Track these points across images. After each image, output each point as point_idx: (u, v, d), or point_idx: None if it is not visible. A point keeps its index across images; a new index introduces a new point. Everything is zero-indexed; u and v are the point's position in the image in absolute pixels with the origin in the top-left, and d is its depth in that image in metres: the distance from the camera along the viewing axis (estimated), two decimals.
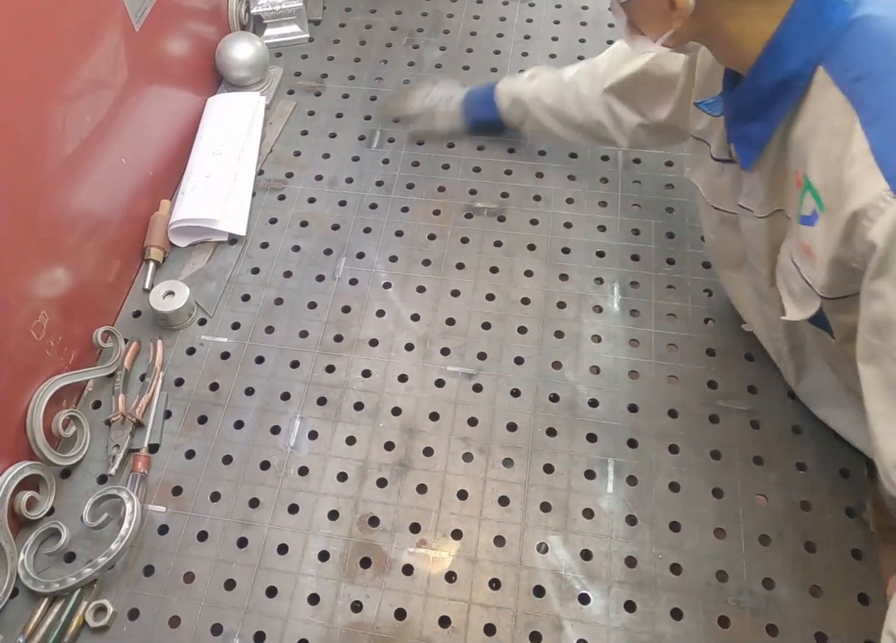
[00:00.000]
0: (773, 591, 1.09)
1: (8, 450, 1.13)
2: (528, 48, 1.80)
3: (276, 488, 1.20)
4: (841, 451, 1.20)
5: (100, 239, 1.32)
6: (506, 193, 1.54)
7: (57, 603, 1.09)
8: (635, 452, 1.22)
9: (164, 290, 1.35)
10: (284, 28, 1.83)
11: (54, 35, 1.13)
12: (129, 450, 1.23)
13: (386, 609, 1.09)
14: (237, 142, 1.56)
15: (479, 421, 1.26)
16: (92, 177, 1.27)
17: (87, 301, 1.30)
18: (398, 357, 1.33)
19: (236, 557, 1.14)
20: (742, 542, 1.13)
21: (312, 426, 1.26)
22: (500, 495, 1.19)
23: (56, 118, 1.16)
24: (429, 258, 1.46)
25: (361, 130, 1.66)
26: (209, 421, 1.27)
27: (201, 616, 1.09)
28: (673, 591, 1.09)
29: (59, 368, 1.24)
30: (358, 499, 1.19)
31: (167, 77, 1.51)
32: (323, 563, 1.13)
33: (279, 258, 1.47)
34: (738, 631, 1.06)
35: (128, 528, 1.12)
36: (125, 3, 1.30)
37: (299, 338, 1.36)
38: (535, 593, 1.10)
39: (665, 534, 1.14)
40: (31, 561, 1.12)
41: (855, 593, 1.08)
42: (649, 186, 1.48)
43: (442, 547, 1.15)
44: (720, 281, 1.30)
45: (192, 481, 1.21)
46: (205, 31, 1.67)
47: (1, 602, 1.08)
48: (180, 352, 1.35)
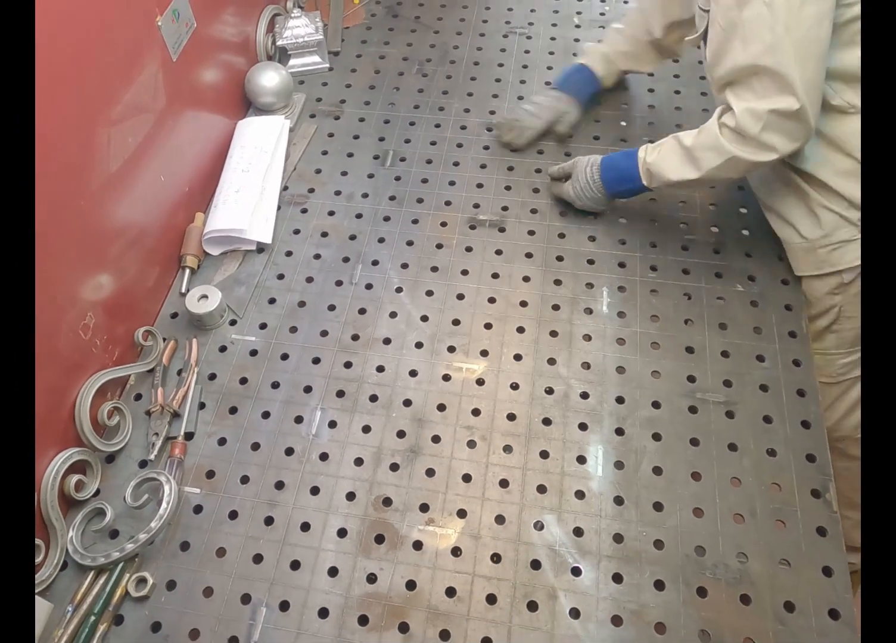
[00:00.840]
0: (745, 565, 1.09)
1: (58, 438, 1.14)
2: (525, 76, 1.80)
3: (300, 472, 1.21)
4: (807, 439, 1.20)
5: (141, 248, 1.32)
6: (506, 207, 1.54)
7: (102, 575, 1.10)
8: (622, 440, 1.22)
9: (199, 294, 1.36)
10: (307, 58, 1.83)
11: (101, 66, 1.13)
12: (167, 437, 1.23)
13: (398, 580, 1.10)
14: (264, 160, 1.57)
15: (481, 411, 1.26)
16: (134, 192, 1.28)
17: (129, 303, 1.31)
18: (409, 354, 1.34)
19: (263, 534, 1.15)
20: (718, 521, 1.13)
21: (332, 416, 1.26)
22: (500, 478, 1.19)
23: (102, 140, 1.16)
24: (436, 265, 1.46)
25: (376, 150, 1.66)
26: (239, 411, 1.28)
27: (232, 586, 1.10)
28: (656, 565, 1.10)
29: (104, 364, 1.24)
30: (373, 481, 1.19)
31: (201, 102, 1.51)
32: (341, 540, 1.14)
33: (302, 265, 1.47)
34: (714, 600, 1.06)
35: (166, 508, 1.13)
36: (164, 36, 1.30)
37: (320, 337, 1.36)
38: (532, 566, 1.10)
39: (649, 513, 1.14)
40: (79, 537, 1.12)
41: (819, 566, 1.08)
42: (634, 201, 1.48)
43: (448, 525, 1.15)
44: None
45: (224, 465, 1.22)
46: (235, 61, 1.67)
47: (52, 574, 1.09)
48: (213, 349, 1.35)
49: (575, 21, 1.94)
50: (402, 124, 1.72)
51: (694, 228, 1.49)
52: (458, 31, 1.93)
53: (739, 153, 1.20)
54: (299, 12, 1.81)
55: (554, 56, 1.85)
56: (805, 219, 1.33)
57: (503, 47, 1.88)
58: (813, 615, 1.05)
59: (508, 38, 1.91)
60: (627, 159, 1.40)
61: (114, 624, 1.07)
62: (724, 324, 1.34)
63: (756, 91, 1.15)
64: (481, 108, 1.74)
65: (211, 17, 1.50)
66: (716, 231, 1.48)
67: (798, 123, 1.14)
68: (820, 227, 1.31)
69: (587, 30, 1.91)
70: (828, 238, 1.31)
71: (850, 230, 1.28)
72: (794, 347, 1.31)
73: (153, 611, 1.08)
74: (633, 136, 1.65)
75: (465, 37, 1.92)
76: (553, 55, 1.85)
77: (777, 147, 1.16)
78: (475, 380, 1.30)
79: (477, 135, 1.68)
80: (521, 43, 1.89)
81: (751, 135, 1.16)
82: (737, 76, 1.18)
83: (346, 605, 1.08)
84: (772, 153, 1.17)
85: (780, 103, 1.12)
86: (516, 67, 1.83)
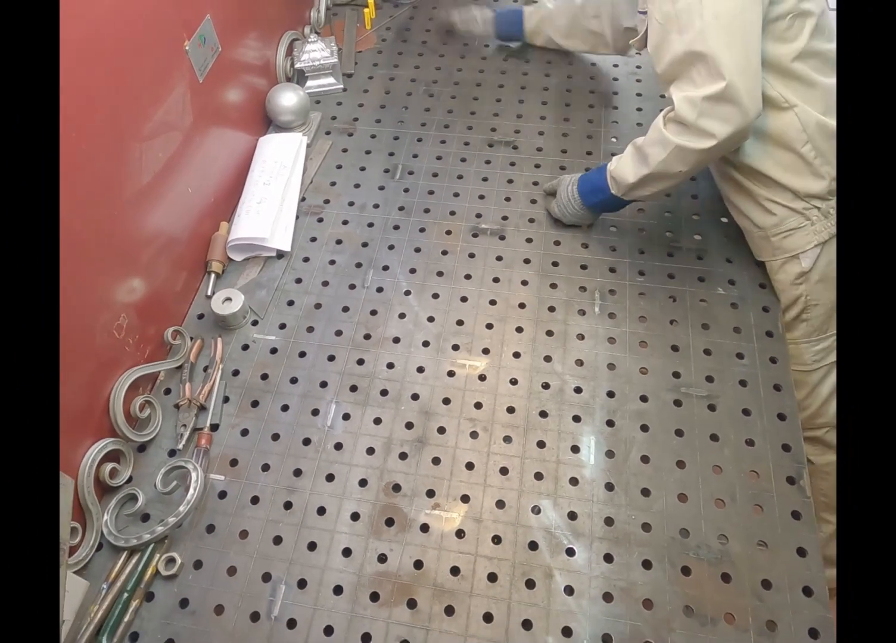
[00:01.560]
0: (726, 546, 1.09)
1: (94, 429, 1.14)
2: (524, 96, 1.80)
3: (316, 460, 1.20)
4: (783, 430, 1.20)
5: (170, 254, 1.32)
6: (505, 217, 1.54)
7: (134, 555, 1.10)
8: (612, 430, 1.22)
9: (223, 297, 1.35)
10: (322, 80, 1.83)
11: (133, 87, 1.13)
12: (194, 428, 1.23)
13: (406, 560, 1.10)
14: (283, 174, 1.57)
15: (483, 405, 1.26)
16: (163, 203, 1.28)
17: (159, 305, 1.31)
18: (416, 352, 1.33)
19: (283, 518, 1.14)
20: (701, 505, 1.13)
21: (346, 409, 1.26)
22: (500, 466, 1.18)
23: (134, 154, 1.16)
24: (442, 270, 1.45)
25: (386, 165, 1.66)
26: (260, 405, 1.27)
27: (254, 566, 1.10)
28: (644, 546, 1.09)
29: (136, 361, 1.24)
30: (383, 469, 1.19)
31: (225, 120, 1.51)
32: (354, 523, 1.14)
33: (318, 270, 1.47)
34: (697, 578, 1.06)
35: (193, 494, 1.13)
36: (191, 59, 1.30)
37: (335, 337, 1.36)
38: (530, 547, 1.10)
39: (637, 499, 1.14)
40: (113, 520, 1.12)
41: (794, 547, 1.08)
42: (623, 212, 1.47)
43: (453, 509, 1.15)
44: None
45: (247, 454, 1.21)
46: (256, 83, 1.67)
47: (88, 555, 1.09)
48: (236, 348, 1.35)
49: None
50: (411, 140, 1.71)
51: (679, 237, 1.48)
52: (462, 54, 1.93)
53: (681, 142, 1.18)
54: (316, 37, 1.81)
55: (549, 78, 1.84)
56: (755, 210, 1.35)
57: (503, 70, 1.88)
58: (788, 592, 1.04)
59: (508, 61, 1.90)
60: (599, 172, 1.41)
61: (145, 600, 1.07)
62: (706, 324, 1.34)
63: (694, 81, 1.15)
64: (483, 126, 1.73)
65: (234, 42, 1.50)
66: (699, 239, 1.48)
67: (731, 106, 1.12)
68: (770, 217, 1.33)
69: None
70: (778, 227, 1.32)
71: (798, 219, 1.30)
72: (770, 346, 1.31)
73: (181, 588, 1.08)
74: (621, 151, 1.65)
75: (468, 60, 1.92)
76: (549, 77, 1.84)
77: (715, 133, 1.14)
78: (477, 375, 1.30)
79: (479, 150, 1.68)
80: (519, 65, 1.88)
81: (689, 122, 1.15)
82: (676, 68, 1.18)
83: (359, 583, 1.08)
84: (711, 139, 1.15)
85: (712, 88, 1.11)
86: (515, 88, 1.82)
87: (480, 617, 1.04)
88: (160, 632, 1.04)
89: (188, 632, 1.04)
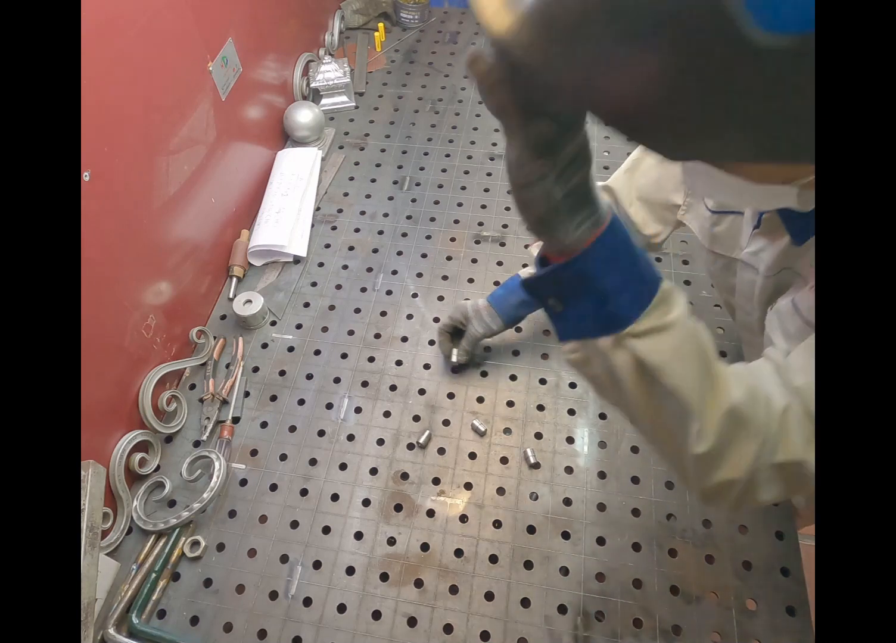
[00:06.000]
0: (710, 529, 1.09)
1: (125, 422, 1.15)
2: None
3: (330, 451, 1.21)
4: None
5: (195, 260, 1.33)
6: (506, 225, 1.54)
7: (162, 538, 1.10)
8: (605, 423, 1.22)
9: (244, 299, 1.36)
10: (336, 98, 1.83)
11: (161, 105, 1.14)
12: (217, 421, 1.24)
13: (414, 543, 1.10)
14: (300, 186, 1.57)
15: (485, 399, 1.26)
16: (189, 212, 1.29)
17: (185, 307, 1.31)
18: (423, 350, 1.34)
19: (299, 503, 1.15)
20: (686, 492, 1.13)
21: (358, 403, 1.27)
22: (501, 456, 1.19)
23: (162, 167, 1.17)
24: (447, 274, 1.46)
25: (395, 177, 1.67)
26: (278, 399, 1.28)
27: (272, 548, 1.10)
28: (634, 529, 1.10)
29: (164, 359, 1.25)
30: (392, 459, 1.20)
31: (246, 136, 1.52)
32: (365, 508, 1.14)
33: (332, 274, 1.47)
34: (683, 560, 1.06)
35: (216, 481, 1.13)
36: (214, 79, 1.31)
37: (347, 336, 1.37)
38: (529, 531, 1.11)
39: (628, 486, 1.14)
40: (142, 506, 1.13)
41: (773, 531, 1.08)
42: None
43: (457, 495, 1.15)
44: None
45: (266, 445, 1.22)
46: (275, 101, 1.67)
47: (119, 538, 1.09)
48: (256, 346, 1.36)
49: None
50: (418, 154, 1.72)
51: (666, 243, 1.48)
52: (465, 75, 1.93)
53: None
54: (330, 59, 1.82)
55: None
56: None
57: None
58: (767, 572, 1.04)
59: None
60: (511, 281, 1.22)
61: (172, 580, 1.07)
62: None
63: None
64: (485, 141, 1.74)
65: (255, 63, 1.50)
66: (684, 244, 1.48)
67: None
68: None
69: None
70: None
71: None
72: None
73: (205, 569, 1.09)
74: (613, 165, 1.65)
75: (471, 80, 1.91)
76: None
77: None
78: (479, 372, 1.30)
79: (481, 163, 1.68)
80: None
81: None
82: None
83: (370, 564, 1.08)
84: None
85: None
86: None
87: (482, 595, 1.05)
88: (186, 609, 1.05)
89: (212, 609, 1.05)
